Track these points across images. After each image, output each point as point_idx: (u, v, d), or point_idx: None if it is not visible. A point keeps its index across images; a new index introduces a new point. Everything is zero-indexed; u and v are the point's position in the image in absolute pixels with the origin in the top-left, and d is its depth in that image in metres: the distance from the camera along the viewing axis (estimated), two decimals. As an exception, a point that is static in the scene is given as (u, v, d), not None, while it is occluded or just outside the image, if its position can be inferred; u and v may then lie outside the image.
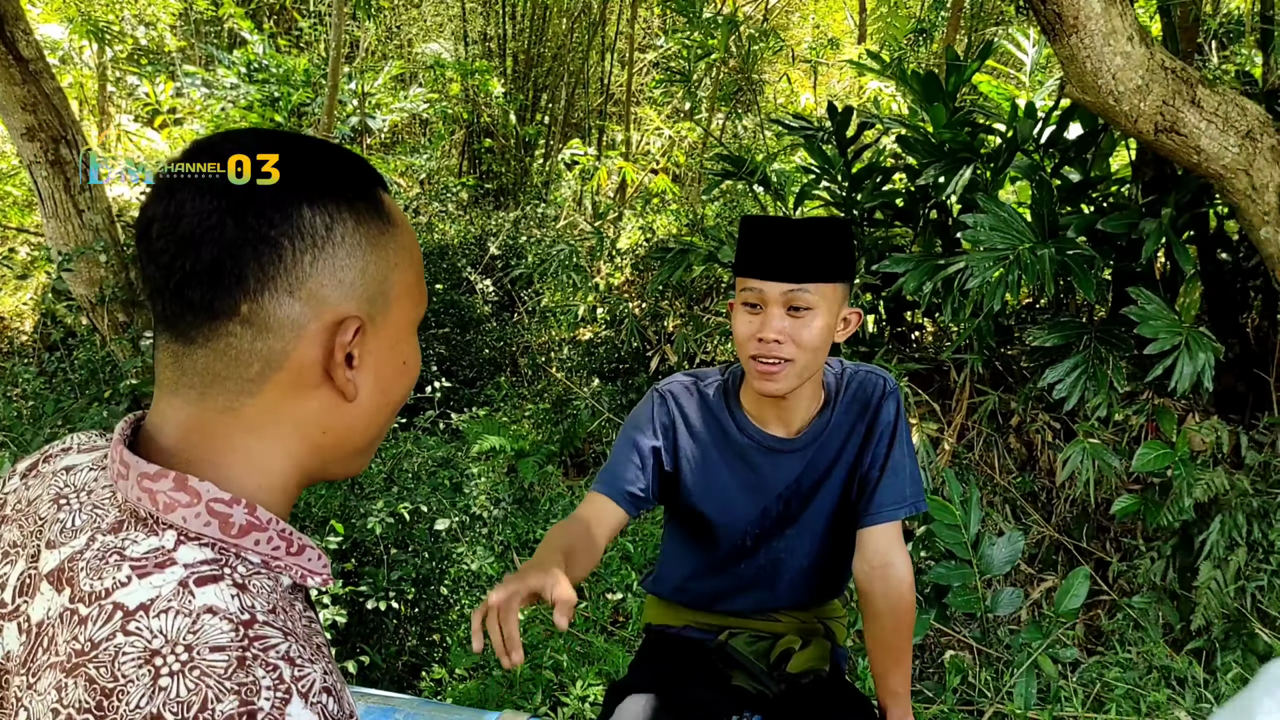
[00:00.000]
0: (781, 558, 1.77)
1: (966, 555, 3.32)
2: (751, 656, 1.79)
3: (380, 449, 3.28)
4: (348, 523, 2.85)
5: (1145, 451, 3.50)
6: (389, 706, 1.69)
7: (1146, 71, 3.25)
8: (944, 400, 4.24)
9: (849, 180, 4.46)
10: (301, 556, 0.77)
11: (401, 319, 0.81)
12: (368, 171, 0.80)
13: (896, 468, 1.69)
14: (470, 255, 6.88)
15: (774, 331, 1.53)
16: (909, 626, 1.68)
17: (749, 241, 1.57)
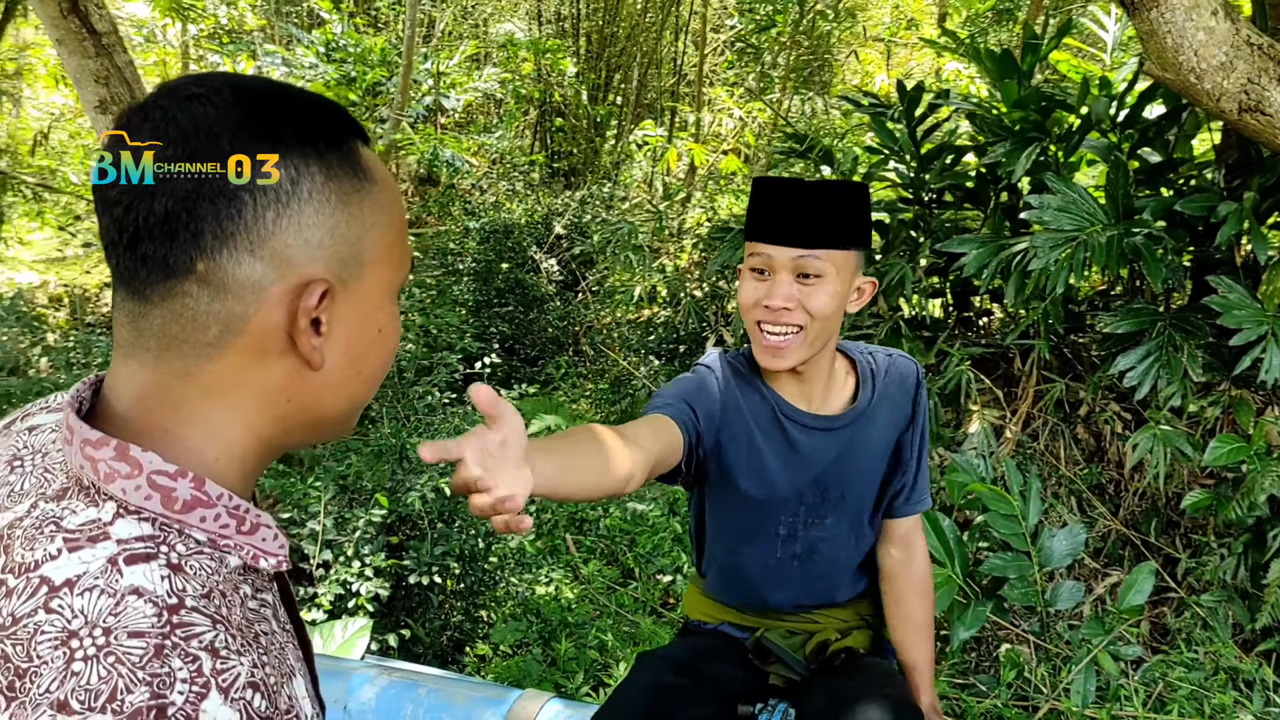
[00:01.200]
0: (819, 546, 1.69)
1: (1025, 547, 3.22)
2: (789, 649, 1.73)
3: (430, 424, 3.31)
4: (394, 496, 2.87)
5: (1219, 444, 3.35)
6: (412, 681, 1.69)
7: (1231, 48, 3.10)
8: (1009, 388, 4.12)
9: (917, 160, 4.35)
10: (254, 535, 0.72)
11: (378, 284, 0.75)
12: (343, 121, 0.74)
13: (925, 455, 1.70)
14: (536, 234, 6.89)
15: (781, 298, 1.47)
16: (931, 607, 1.74)
17: (759, 203, 1.50)
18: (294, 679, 0.72)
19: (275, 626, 0.74)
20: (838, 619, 1.78)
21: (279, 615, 0.78)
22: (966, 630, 3.22)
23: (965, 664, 3.38)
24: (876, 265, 4.07)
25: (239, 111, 0.68)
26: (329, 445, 3.27)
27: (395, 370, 3.65)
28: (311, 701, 0.76)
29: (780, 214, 1.47)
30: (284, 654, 0.72)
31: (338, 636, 2.41)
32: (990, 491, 3.26)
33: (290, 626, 0.81)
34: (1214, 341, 3.44)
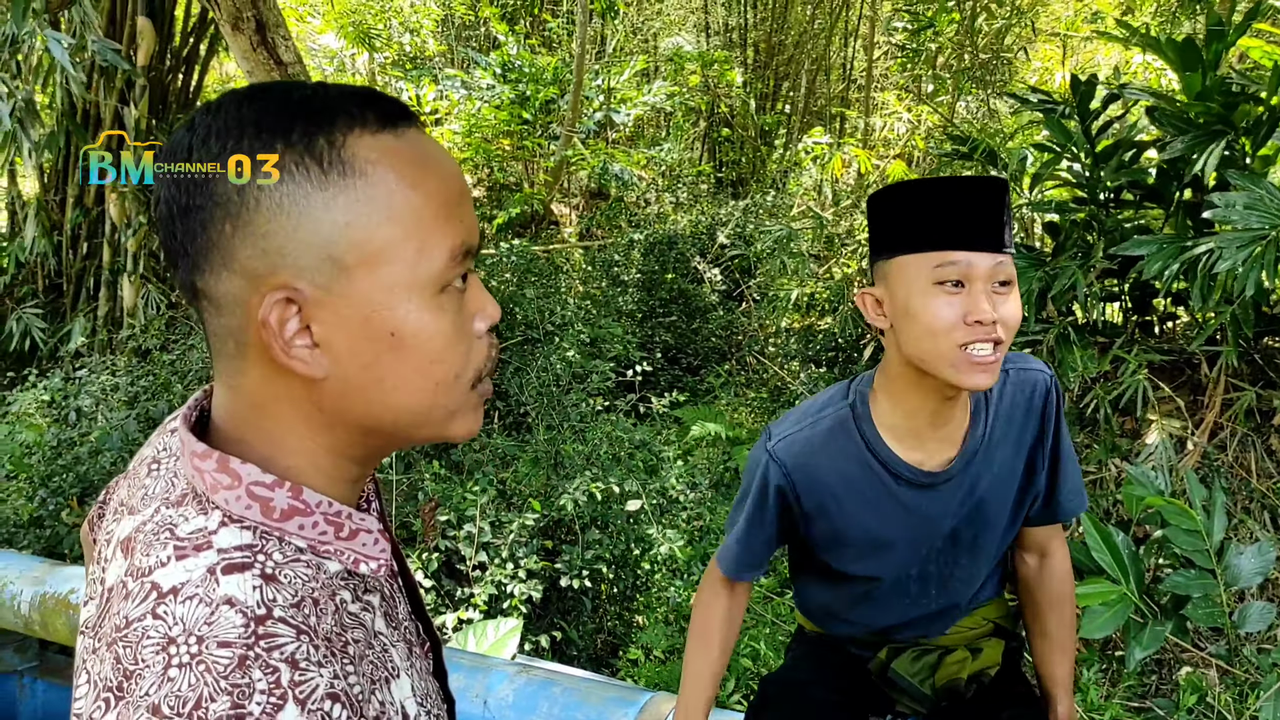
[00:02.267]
0: (952, 585, 1.57)
1: (1209, 564, 3.02)
2: (915, 679, 1.61)
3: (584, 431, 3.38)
4: (547, 501, 2.96)
5: None
6: (550, 680, 1.74)
7: None
8: (1195, 396, 3.88)
9: (1092, 158, 4.15)
10: (354, 541, 0.74)
11: (378, 284, 0.69)
12: (314, 113, 0.69)
13: (1067, 457, 1.49)
14: (700, 244, 6.94)
15: (995, 311, 1.28)
16: (1072, 614, 1.59)
17: (941, 207, 1.31)
18: (393, 682, 0.74)
19: (382, 627, 0.77)
20: (965, 628, 1.67)
21: (395, 614, 0.81)
22: (1143, 650, 3.04)
23: (1143, 687, 3.20)
24: (1045, 269, 3.91)
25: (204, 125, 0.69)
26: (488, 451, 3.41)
27: (552, 378, 3.76)
28: (424, 699, 0.78)
29: (974, 215, 1.30)
30: (385, 657, 0.75)
31: (490, 636, 2.50)
32: (1170, 505, 3.07)
33: (410, 624, 0.84)
34: None
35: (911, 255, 1.32)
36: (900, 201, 1.35)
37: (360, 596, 0.75)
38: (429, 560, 2.81)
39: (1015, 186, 4.76)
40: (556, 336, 4.30)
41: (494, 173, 9.38)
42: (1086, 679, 3.14)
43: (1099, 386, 3.73)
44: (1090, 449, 3.76)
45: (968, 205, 1.30)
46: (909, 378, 1.39)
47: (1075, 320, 4.00)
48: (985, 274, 1.29)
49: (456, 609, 2.77)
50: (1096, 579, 3.10)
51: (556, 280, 5.76)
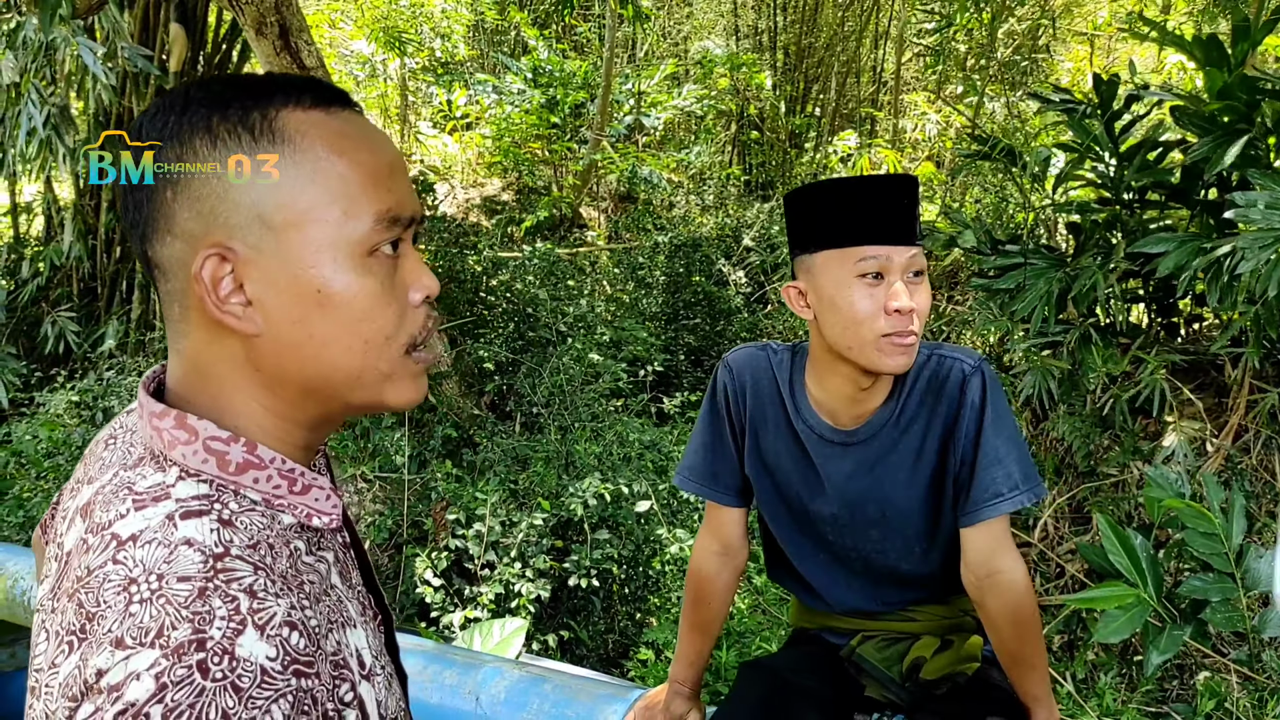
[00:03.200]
0: (873, 559, 1.61)
1: (1227, 568, 2.98)
2: (883, 664, 1.64)
3: (597, 430, 3.39)
4: (557, 501, 2.97)
5: None
6: (541, 676, 1.75)
7: None
8: (1219, 398, 3.82)
9: (1116, 158, 4.11)
10: (307, 496, 0.79)
11: (305, 244, 0.74)
12: (254, 92, 0.76)
13: (991, 459, 1.48)
14: (725, 247, 6.94)
15: (911, 300, 1.37)
16: (1033, 631, 1.52)
17: (859, 204, 1.39)
18: (351, 629, 0.78)
19: (338, 582, 0.81)
20: (938, 616, 1.68)
21: (349, 577, 0.84)
22: (1161, 655, 3.00)
23: (1161, 692, 3.16)
24: (1066, 270, 3.88)
25: (157, 105, 0.76)
26: (501, 451, 3.43)
27: (564, 379, 3.78)
28: (378, 655, 0.81)
29: (890, 211, 1.39)
30: (341, 605, 0.78)
31: (495, 635, 2.51)
32: (1187, 508, 3.03)
33: (362, 589, 0.87)
34: None
35: (833, 250, 1.41)
36: (820, 200, 1.43)
37: (314, 550, 0.79)
38: (439, 559, 2.83)
39: (1038, 186, 4.73)
40: (570, 337, 4.32)
41: (523, 176, 9.42)
42: (1104, 683, 3.10)
43: (1117, 388, 3.69)
44: (1111, 451, 3.72)
45: (883, 202, 1.39)
46: (830, 362, 1.49)
47: (1097, 322, 3.96)
48: (902, 266, 1.39)
49: (464, 607, 2.79)
50: (1114, 583, 3.07)
51: (581, 282, 5.79)
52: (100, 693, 0.60)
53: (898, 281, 1.38)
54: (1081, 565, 3.58)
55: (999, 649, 1.56)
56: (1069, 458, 3.82)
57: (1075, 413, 3.80)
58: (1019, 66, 7.63)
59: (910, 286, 1.40)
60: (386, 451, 3.41)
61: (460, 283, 5.00)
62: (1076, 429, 3.75)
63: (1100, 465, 3.77)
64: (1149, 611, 3.01)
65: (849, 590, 1.68)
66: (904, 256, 1.39)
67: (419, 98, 11.07)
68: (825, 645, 1.75)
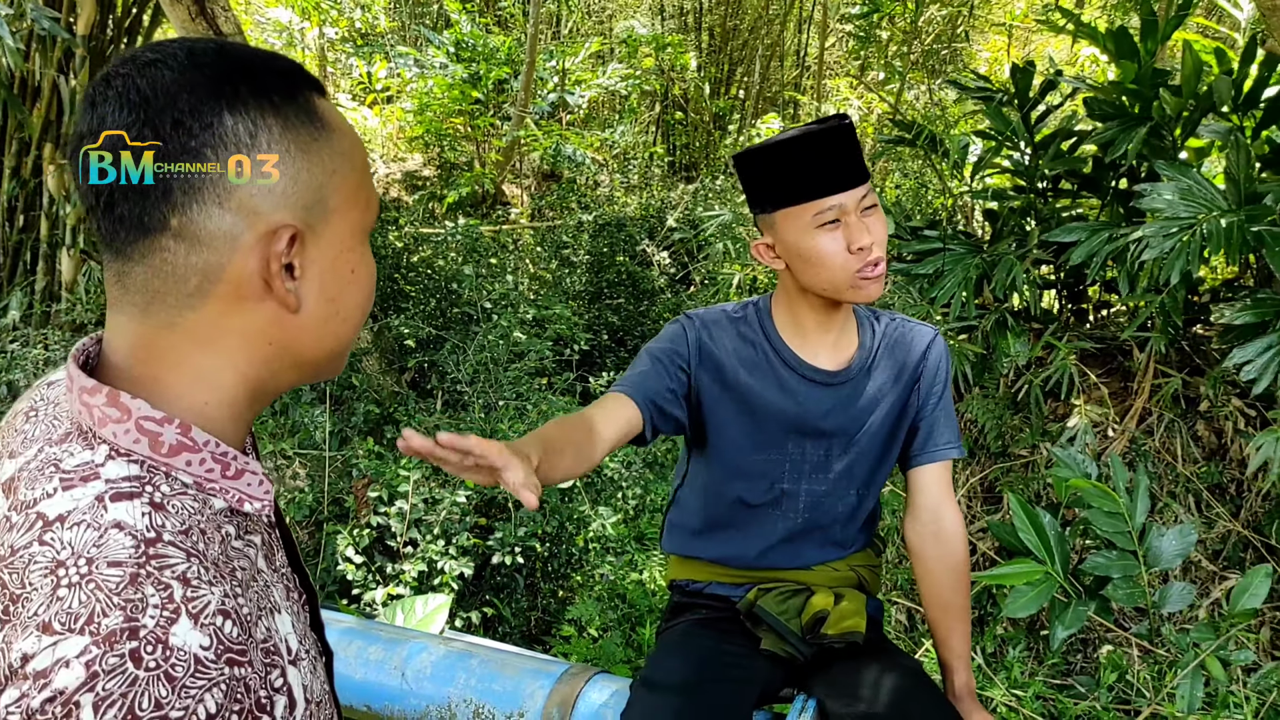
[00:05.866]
0: (821, 504, 1.70)
1: (1130, 546, 3.10)
2: (781, 616, 1.68)
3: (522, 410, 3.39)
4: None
5: (1349, 444, 3.16)
6: (467, 652, 1.75)
7: (1364, 20, 2.92)
8: (1126, 383, 3.96)
9: (1031, 146, 4.22)
10: (239, 480, 0.77)
11: (344, 227, 0.79)
12: (297, 75, 0.78)
13: (948, 410, 1.68)
14: (649, 227, 6.95)
15: (869, 235, 1.50)
16: (965, 583, 1.67)
17: (805, 161, 1.49)
18: (278, 615, 0.77)
19: (264, 566, 0.80)
20: (832, 571, 1.76)
21: (274, 559, 0.83)
22: (1066, 629, 3.12)
23: (1066, 665, 3.28)
24: (983, 256, 3.97)
25: (194, 73, 0.72)
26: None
27: (489, 358, 3.76)
28: (303, 639, 0.80)
29: (836, 160, 1.50)
30: (268, 592, 0.77)
31: (419, 611, 2.50)
32: (1093, 488, 3.14)
33: (287, 570, 0.86)
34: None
35: (790, 208, 1.52)
36: (768, 162, 1.53)
37: (243, 535, 0.78)
38: (360, 536, 2.80)
39: (957, 173, 4.82)
40: (496, 315, 4.29)
41: (445, 152, 9.29)
42: (1012, 657, 3.20)
43: (1030, 372, 3.80)
44: (1022, 433, 3.83)
45: (826, 153, 1.49)
46: (802, 298, 1.61)
47: (1011, 307, 4.07)
48: (855, 206, 1.51)
49: (387, 584, 2.77)
50: (1023, 560, 3.17)
51: (503, 259, 5.74)
52: (26, 678, 0.59)
53: (854, 220, 1.51)
54: (993, 543, 3.69)
55: (932, 600, 1.67)
56: (982, 439, 3.92)
57: (989, 395, 3.90)
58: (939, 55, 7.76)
59: (866, 220, 1.52)
60: (306, 428, 3.36)
61: (381, 258, 4.91)
62: (990, 411, 3.85)
63: (1011, 446, 3.88)
64: (1055, 587, 3.12)
65: (779, 545, 1.73)
66: (855, 198, 1.51)
67: (338, 69, 10.84)
68: (716, 600, 1.78)
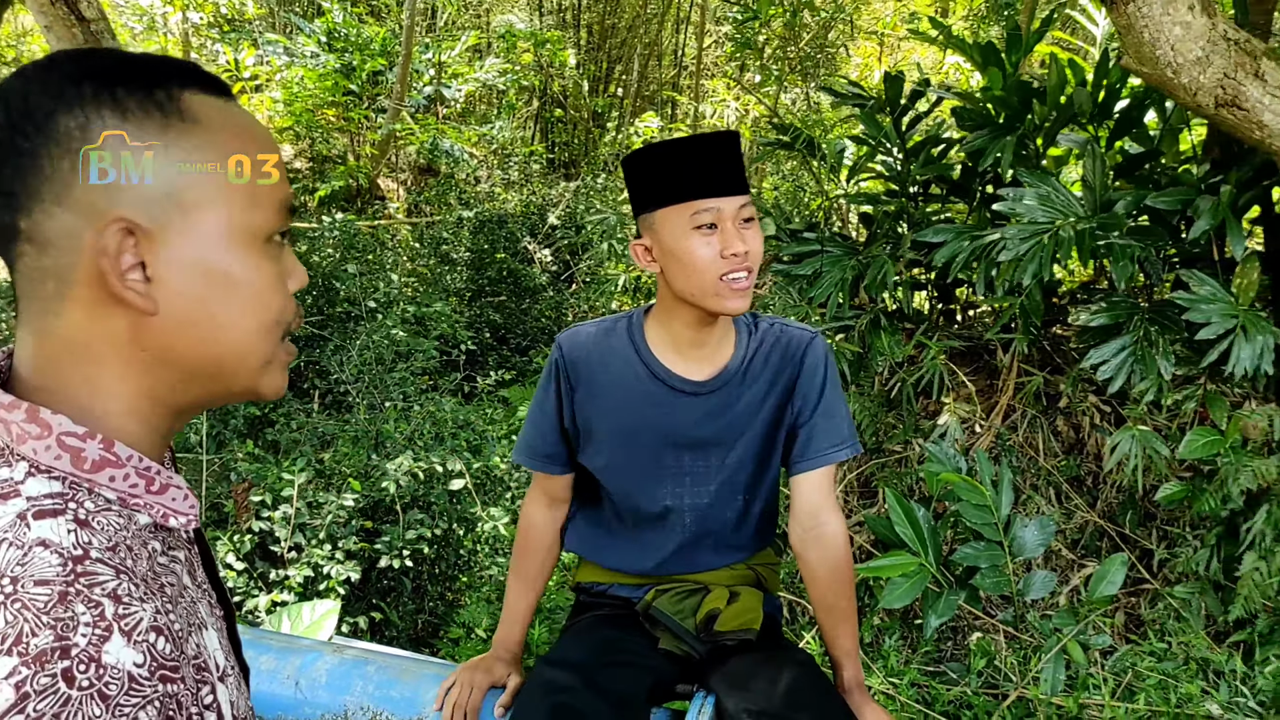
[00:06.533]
0: (707, 513, 1.72)
1: (996, 536, 3.25)
2: (676, 616, 1.73)
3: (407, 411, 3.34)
4: (368, 481, 2.91)
5: (1194, 438, 3.37)
6: (364, 659, 1.72)
7: (1207, 43, 3.11)
8: (991, 381, 4.14)
9: (903, 152, 4.37)
10: (164, 495, 0.76)
11: (212, 226, 0.74)
12: (160, 70, 0.75)
13: (829, 412, 1.67)
14: (530, 224, 6.92)
15: (743, 244, 1.51)
16: (849, 584, 1.70)
17: (689, 162, 1.52)
18: (205, 631, 0.76)
19: (188, 582, 0.79)
20: (729, 571, 1.80)
21: (196, 575, 0.82)
22: (938, 618, 3.25)
23: (939, 652, 3.41)
24: (859, 258, 4.10)
25: (42, 76, 0.71)
26: (306, 430, 3.32)
27: (374, 357, 3.69)
28: (228, 655, 0.80)
29: (716, 165, 1.52)
30: (194, 608, 0.77)
31: (305, 618, 2.44)
32: (962, 482, 3.28)
33: (208, 586, 0.85)
34: (1190, 336, 3.45)
35: (671, 207, 1.53)
36: (654, 161, 1.55)
37: (168, 551, 0.77)
38: (241, 542, 2.72)
39: (833, 177, 4.96)
40: (380, 314, 4.21)
41: (316, 144, 9.06)
42: (888, 646, 3.32)
43: (903, 371, 3.94)
44: (896, 429, 3.97)
45: (711, 158, 1.52)
46: (677, 310, 1.62)
47: (885, 307, 4.20)
48: (733, 214, 1.52)
49: (270, 591, 2.69)
50: (898, 552, 3.29)
51: (381, 256, 5.64)
52: None
53: (731, 228, 1.52)
54: (869, 536, 3.81)
55: (818, 601, 1.71)
56: (860, 435, 4.04)
57: (865, 393, 4.03)
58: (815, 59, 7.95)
59: (742, 231, 1.53)
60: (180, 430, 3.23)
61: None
62: (866, 408, 3.97)
63: (886, 442, 4.02)
64: (928, 578, 3.24)
65: (672, 552, 1.77)
66: (734, 205, 1.53)
67: (203, 56, 10.43)
68: (617, 601, 1.82)
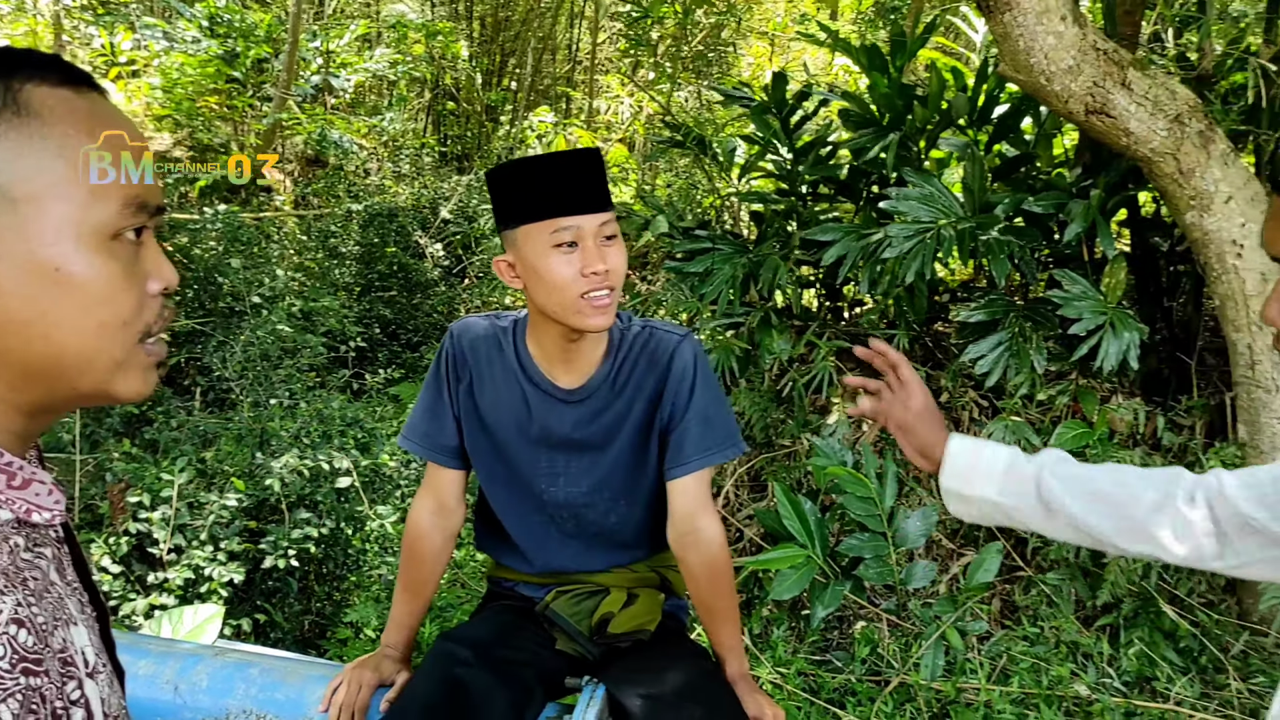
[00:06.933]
0: (584, 515, 1.75)
1: (880, 528, 3.35)
2: (573, 619, 1.76)
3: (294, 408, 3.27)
4: (253, 480, 2.84)
5: (1064, 430, 3.53)
6: (247, 661, 1.69)
7: (1078, 52, 3.25)
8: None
9: (793, 152, 4.45)
10: (26, 491, 0.75)
11: (44, 221, 0.73)
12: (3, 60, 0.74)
13: (701, 416, 1.68)
14: (422, 218, 6.83)
15: (604, 262, 1.52)
16: (727, 585, 1.73)
17: (549, 180, 1.53)
18: (73, 627, 0.75)
19: (56, 579, 0.77)
20: (630, 573, 1.83)
21: (65, 573, 0.81)
22: (825, 609, 3.33)
23: (825, 642, 3.50)
24: (750, 256, 4.16)
25: None
26: (187, 429, 3.22)
27: (259, 353, 3.60)
28: (99, 653, 0.78)
29: (577, 183, 1.53)
30: (62, 604, 0.75)
31: (188, 622, 2.37)
32: (848, 475, 3.37)
33: (79, 585, 0.83)
34: (1062, 332, 3.61)
35: (532, 224, 1.53)
36: (516, 178, 1.55)
37: (32, 547, 0.75)
38: (117, 545, 2.62)
39: (725, 175, 5.02)
40: (265, 309, 4.10)
41: (198, 132, 8.76)
42: (776, 637, 3.38)
43: (794, 369, 4.01)
44: (786, 424, 4.04)
45: (571, 176, 1.52)
46: (544, 325, 1.63)
47: (775, 305, 4.28)
48: (594, 232, 1.53)
49: (148, 595, 2.60)
50: (786, 545, 3.36)
51: (267, 249, 5.49)
52: None
53: (592, 246, 1.53)
54: (760, 529, 3.88)
55: (698, 602, 1.74)
56: (749, 430, 4.11)
57: (755, 389, 4.09)
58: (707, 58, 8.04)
59: (603, 249, 1.54)
60: (52, 429, 3.10)
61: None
62: (756, 404, 4.04)
63: (776, 437, 4.09)
64: (815, 570, 3.32)
65: (561, 551, 1.79)
66: (595, 223, 1.53)
67: (75, 39, 9.98)
68: (522, 599, 1.85)
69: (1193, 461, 3.43)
